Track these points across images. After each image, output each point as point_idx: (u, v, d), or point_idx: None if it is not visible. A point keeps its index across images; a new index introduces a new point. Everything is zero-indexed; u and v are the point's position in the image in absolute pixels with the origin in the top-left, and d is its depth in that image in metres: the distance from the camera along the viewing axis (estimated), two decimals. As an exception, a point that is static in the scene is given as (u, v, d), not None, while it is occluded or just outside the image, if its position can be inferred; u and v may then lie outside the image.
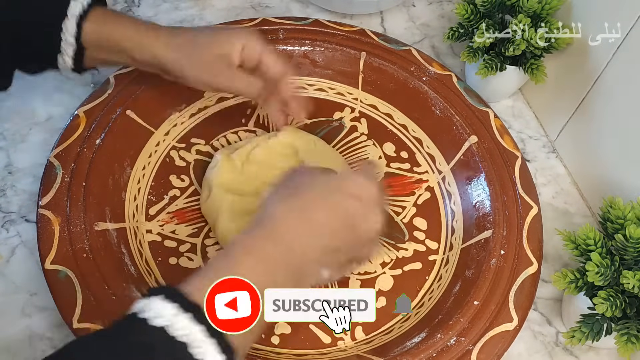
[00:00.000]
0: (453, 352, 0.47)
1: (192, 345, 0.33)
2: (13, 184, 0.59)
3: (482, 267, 0.52)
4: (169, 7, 0.76)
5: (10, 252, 0.55)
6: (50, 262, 0.48)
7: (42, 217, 0.51)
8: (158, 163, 0.59)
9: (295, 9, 0.77)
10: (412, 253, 0.56)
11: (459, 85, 0.63)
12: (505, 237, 0.53)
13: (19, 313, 0.52)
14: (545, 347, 0.54)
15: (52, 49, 0.50)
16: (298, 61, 0.65)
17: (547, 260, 0.57)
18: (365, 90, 0.66)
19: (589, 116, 0.61)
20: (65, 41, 0.50)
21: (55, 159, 0.54)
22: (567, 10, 0.61)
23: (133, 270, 0.51)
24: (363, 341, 0.51)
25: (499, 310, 0.49)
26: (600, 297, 0.47)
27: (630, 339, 0.46)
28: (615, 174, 0.58)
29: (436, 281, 0.54)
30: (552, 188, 0.64)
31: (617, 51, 0.55)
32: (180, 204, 0.57)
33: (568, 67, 0.62)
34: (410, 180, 0.61)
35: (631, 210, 0.49)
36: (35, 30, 0.50)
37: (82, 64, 0.53)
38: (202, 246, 0.55)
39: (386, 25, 0.76)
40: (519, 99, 0.71)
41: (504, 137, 0.60)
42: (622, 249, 0.48)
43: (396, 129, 0.64)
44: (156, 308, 0.33)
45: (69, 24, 0.50)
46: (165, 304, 0.33)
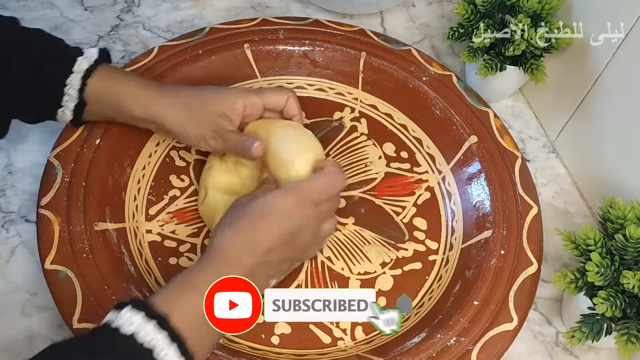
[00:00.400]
0: (453, 352, 0.47)
1: (156, 350, 0.36)
2: (13, 184, 0.59)
3: (482, 267, 0.52)
4: (169, 7, 0.76)
5: (10, 252, 0.55)
6: (50, 262, 0.48)
7: (42, 217, 0.51)
8: (158, 163, 0.59)
9: (295, 9, 0.77)
10: (412, 253, 0.56)
11: (459, 85, 0.63)
12: (505, 237, 0.53)
13: (19, 313, 0.52)
14: (545, 347, 0.54)
15: (54, 102, 0.51)
16: (298, 61, 0.65)
17: (547, 260, 0.57)
18: (365, 90, 0.66)
19: (589, 116, 0.61)
20: (68, 95, 0.51)
21: (55, 159, 0.54)
22: (567, 10, 0.61)
23: (133, 270, 0.51)
24: (363, 341, 0.51)
25: (499, 310, 0.49)
26: (600, 297, 0.47)
27: (630, 339, 0.46)
28: (615, 174, 0.58)
29: (436, 281, 0.54)
30: (552, 188, 0.64)
31: (617, 51, 0.55)
32: (180, 204, 0.57)
33: (568, 67, 0.62)
34: (410, 180, 0.61)
35: (631, 210, 0.49)
36: (39, 84, 0.50)
37: (80, 117, 0.53)
38: (202, 246, 0.55)
39: (386, 25, 0.76)
40: (519, 99, 0.71)
41: (504, 137, 0.60)
42: (622, 249, 0.48)
43: (396, 129, 0.64)
44: (125, 317, 0.37)
45: (74, 80, 0.50)
46: (133, 314, 0.37)
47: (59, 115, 0.52)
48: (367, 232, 0.57)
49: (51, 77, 0.50)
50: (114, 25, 0.73)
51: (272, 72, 0.65)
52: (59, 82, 0.50)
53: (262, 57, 0.65)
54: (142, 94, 0.52)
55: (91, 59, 0.51)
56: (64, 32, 0.72)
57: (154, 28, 0.73)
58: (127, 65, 0.61)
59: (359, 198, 0.59)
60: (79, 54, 0.51)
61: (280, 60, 0.65)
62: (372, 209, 0.59)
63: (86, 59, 0.51)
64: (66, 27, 0.72)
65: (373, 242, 0.57)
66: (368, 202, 0.59)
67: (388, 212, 0.59)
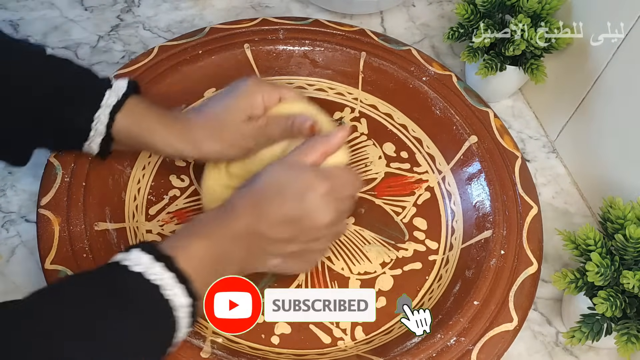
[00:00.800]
0: (453, 352, 0.47)
1: (164, 288, 0.38)
2: (13, 184, 0.59)
3: (482, 267, 0.52)
4: (169, 7, 0.76)
5: (10, 252, 0.55)
6: (51, 262, 0.48)
7: (42, 217, 0.51)
8: (158, 163, 0.59)
9: (295, 9, 0.77)
10: (412, 253, 0.56)
11: (459, 85, 0.63)
12: (505, 237, 0.53)
13: (19, 313, 0.52)
14: (545, 347, 0.54)
15: (81, 136, 0.50)
16: (298, 61, 0.65)
17: (547, 260, 0.57)
18: (365, 90, 0.66)
19: (589, 116, 0.61)
20: (95, 130, 0.49)
21: (55, 159, 0.54)
22: (567, 10, 0.61)
23: (133, 270, 0.51)
24: (363, 341, 0.51)
25: (499, 310, 0.49)
26: (600, 297, 0.47)
27: (630, 339, 0.46)
28: (615, 174, 0.58)
29: (436, 281, 0.54)
30: (552, 188, 0.64)
31: (617, 51, 0.55)
32: (180, 204, 0.57)
33: (568, 67, 0.62)
34: (410, 180, 0.61)
35: (631, 210, 0.49)
36: (66, 117, 0.49)
37: (108, 150, 0.52)
38: (202, 246, 0.55)
39: (386, 25, 0.76)
40: (519, 99, 0.71)
41: (504, 137, 0.60)
42: (622, 249, 0.48)
43: (396, 129, 0.64)
44: (134, 258, 0.39)
45: (102, 115, 0.49)
46: (142, 254, 0.39)
47: (85, 148, 0.51)
48: (367, 232, 0.57)
49: (79, 111, 0.49)
50: (114, 25, 0.73)
51: (272, 72, 0.65)
52: (87, 117, 0.49)
53: (262, 57, 0.65)
54: (171, 136, 0.50)
55: (119, 93, 0.50)
56: (64, 32, 0.72)
57: (154, 28, 0.73)
58: (127, 65, 0.61)
59: (359, 198, 0.59)
60: (107, 87, 0.50)
61: (280, 60, 0.65)
62: (372, 209, 0.59)
63: (115, 92, 0.50)
64: (66, 27, 0.72)
65: (373, 242, 0.57)
66: (368, 202, 0.59)
67: (388, 212, 0.59)
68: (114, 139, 0.50)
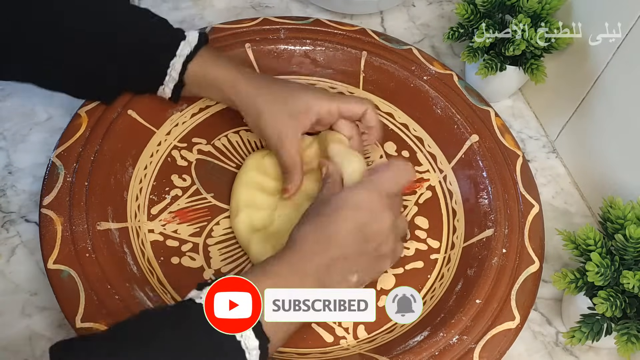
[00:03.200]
0: (455, 350, 0.47)
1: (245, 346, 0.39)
2: (13, 184, 0.59)
3: (483, 266, 0.52)
4: (169, 7, 0.75)
5: (10, 252, 0.55)
6: (53, 261, 0.48)
7: (44, 217, 0.50)
8: (160, 163, 0.59)
9: (295, 8, 0.77)
10: (413, 252, 0.56)
11: (460, 85, 0.63)
12: (506, 236, 0.53)
13: (19, 313, 0.52)
14: (545, 347, 0.54)
15: (157, 80, 0.56)
16: (299, 60, 0.66)
17: (547, 260, 0.57)
18: (366, 90, 0.66)
19: (589, 116, 0.61)
20: (169, 76, 0.55)
21: (57, 159, 0.54)
22: (567, 10, 0.61)
23: (135, 269, 0.51)
24: (365, 340, 0.51)
25: (501, 308, 0.49)
26: (600, 297, 0.47)
27: (630, 339, 0.46)
28: (615, 174, 0.58)
29: (438, 280, 0.55)
30: (552, 188, 0.64)
31: (617, 51, 0.55)
32: (182, 204, 0.57)
33: (568, 67, 0.63)
34: (411, 179, 0.61)
35: (631, 210, 0.49)
36: (145, 59, 0.55)
37: (179, 95, 0.57)
38: (204, 245, 0.55)
39: (386, 26, 0.76)
40: (519, 99, 0.71)
41: (505, 136, 0.60)
42: (622, 249, 0.48)
43: (397, 128, 0.64)
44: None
45: (177, 64, 0.55)
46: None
47: (159, 91, 0.57)
48: (369, 232, 0.57)
49: (157, 57, 0.55)
50: (114, 25, 0.73)
51: (273, 71, 0.65)
52: (164, 64, 0.55)
53: (263, 56, 0.65)
54: (240, 84, 0.55)
55: (192, 43, 0.55)
56: (63, 31, 0.71)
57: (154, 27, 0.73)
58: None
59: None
60: (182, 38, 0.55)
61: (281, 59, 0.65)
62: (373, 208, 0.59)
63: (189, 43, 0.55)
64: (66, 26, 0.72)
65: (374, 241, 0.57)
66: (369, 202, 0.59)
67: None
68: (186, 84, 0.56)
